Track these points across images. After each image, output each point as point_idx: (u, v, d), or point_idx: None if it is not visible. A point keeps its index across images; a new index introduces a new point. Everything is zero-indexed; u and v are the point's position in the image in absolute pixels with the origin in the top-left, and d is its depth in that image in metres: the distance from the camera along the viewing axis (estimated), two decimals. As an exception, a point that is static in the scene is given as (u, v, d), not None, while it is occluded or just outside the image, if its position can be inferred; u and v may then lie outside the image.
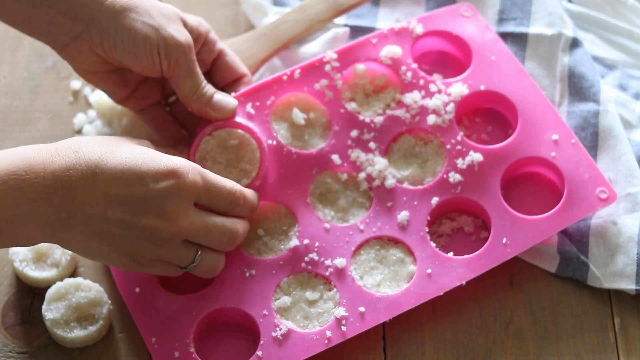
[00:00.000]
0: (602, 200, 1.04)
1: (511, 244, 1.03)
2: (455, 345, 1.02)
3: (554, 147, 1.07)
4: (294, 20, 1.14)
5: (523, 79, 1.10)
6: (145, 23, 1.01)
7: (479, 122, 1.12)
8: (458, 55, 1.14)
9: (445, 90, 1.09)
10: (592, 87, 1.11)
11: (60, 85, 1.17)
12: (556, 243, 1.05)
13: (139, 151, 0.95)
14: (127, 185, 0.93)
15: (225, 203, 0.99)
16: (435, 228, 1.07)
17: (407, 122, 1.09)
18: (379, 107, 1.10)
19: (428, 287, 1.02)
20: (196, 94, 1.04)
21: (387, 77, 1.11)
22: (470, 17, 1.13)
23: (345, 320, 1.00)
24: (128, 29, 1.00)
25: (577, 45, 1.13)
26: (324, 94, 1.09)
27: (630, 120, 1.12)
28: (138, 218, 0.93)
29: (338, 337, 1.00)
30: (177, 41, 1.02)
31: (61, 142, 0.94)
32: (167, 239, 0.95)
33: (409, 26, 1.12)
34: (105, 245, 0.94)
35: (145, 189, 0.93)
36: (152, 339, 1.00)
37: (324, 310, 1.02)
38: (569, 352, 1.02)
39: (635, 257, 1.04)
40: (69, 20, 1.01)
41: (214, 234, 0.98)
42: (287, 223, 1.05)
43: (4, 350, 1.02)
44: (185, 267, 0.98)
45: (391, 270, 1.04)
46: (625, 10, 1.17)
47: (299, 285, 1.03)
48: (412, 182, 1.07)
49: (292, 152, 1.06)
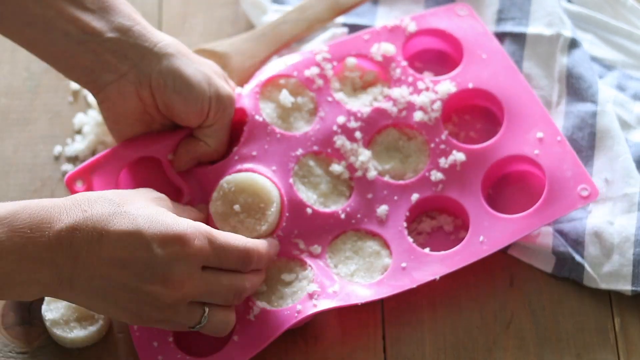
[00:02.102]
0: (583, 198, 1.04)
1: (488, 241, 1.03)
2: (455, 345, 1.03)
3: (538, 144, 1.07)
4: (293, 20, 1.14)
5: (513, 77, 1.10)
6: (198, 69, 1.02)
7: (467, 120, 1.12)
8: (451, 53, 1.15)
9: (433, 88, 1.10)
10: (590, 87, 1.11)
11: (60, 85, 1.16)
12: (551, 244, 1.05)
13: (148, 211, 0.93)
14: (132, 249, 0.91)
15: (236, 264, 0.96)
16: (415, 226, 1.07)
17: (393, 115, 1.09)
18: (367, 100, 1.10)
19: (401, 279, 1.02)
20: (223, 147, 1.05)
21: (376, 74, 1.11)
22: (466, 16, 1.14)
23: (318, 295, 1.00)
24: (180, 71, 1.01)
25: (575, 46, 1.13)
26: (314, 81, 1.09)
27: (629, 121, 1.12)
28: (142, 283, 0.91)
29: (307, 310, 0.99)
30: (227, 92, 1.03)
31: (72, 197, 0.93)
32: (172, 305, 0.93)
33: (402, 24, 1.13)
34: (111, 305, 0.93)
35: (150, 255, 0.91)
36: (134, 327, 1.00)
37: (297, 289, 1.02)
38: (569, 353, 1.02)
39: (631, 257, 1.04)
40: (117, 59, 1.00)
41: (219, 294, 0.95)
42: (265, 201, 1.03)
43: (4, 350, 1.02)
44: (193, 327, 0.96)
45: (366, 261, 1.04)
46: (624, 11, 1.17)
47: (277, 269, 1.03)
48: (393, 175, 1.07)
49: (276, 131, 1.06)
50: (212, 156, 1.06)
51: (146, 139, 1.05)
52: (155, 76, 1.01)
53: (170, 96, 1.01)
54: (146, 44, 1.01)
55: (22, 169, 1.12)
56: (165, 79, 1.01)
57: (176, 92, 1.01)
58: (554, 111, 1.12)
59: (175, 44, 1.03)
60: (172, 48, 1.02)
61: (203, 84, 1.02)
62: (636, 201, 1.06)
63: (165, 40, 1.02)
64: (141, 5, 1.20)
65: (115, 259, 0.90)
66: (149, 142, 1.05)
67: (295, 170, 1.06)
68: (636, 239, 1.04)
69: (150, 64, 1.01)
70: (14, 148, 1.13)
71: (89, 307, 0.94)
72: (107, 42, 1.00)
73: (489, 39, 1.12)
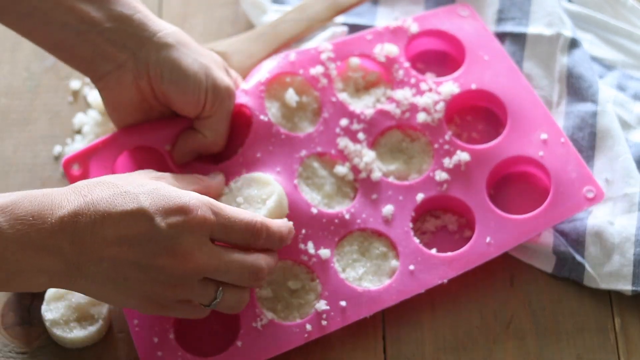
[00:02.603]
0: (588, 200, 1.04)
1: (495, 243, 1.03)
2: (455, 345, 1.03)
3: (542, 146, 1.07)
4: (293, 19, 1.14)
5: (515, 78, 1.10)
6: (196, 60, 1.02)
7: (470, 121, 1.12)
8: (453, 54, 1.15)
9: (435, 89, 1.10)
10: (590, 87, 1.11)
11: (60, 85, 1.17)
12: (551, 244, 1.05)
13: (148, 188, 0.92)
14: (136, 226, 0.90)
15: (244, 237, 0.95)
16: (419, 225, 1.07)
17: (396, 117, 1.09)
18: (370, 102, 1.10)
19: (410, 284, 1.02)
20: (222, 139, 1.05)
21: (379, 74, 1.11)
22: (467, 17, 1.14)
23: (326, 315, 1.00)
24: (178, 62, 1.01)
25: (575, 46, 1.13)
26: (318, 80, 1.09)
27: (629, 121, 1.12)
28: (150, 258, 0.91)
29: (318, 332, 1.00)
30: (226, 83, 1.03)
31: (73, 185, 0.93)
32: (184, 278, 0.92)
33: (404, 25, 1.13)
34: (123, 290, 0.92)
35: (154, 228, 0.90)
36: (134, 321, 1.00)
37: (305, 302, 1.02)
38: (569, 353, 1.02)
39: (631, 257, 1.04)
40: (115, 48, 1.00)
41: (233, 271, 0.94)
42: (267, 193, 1.02)
43: (4, 350, 1.02)
44: (209, 305, 0.95)
45: (373, 264, 1.04)
46: (624, 11, 1.17)
47: (282, 273, 1.03)
48: (397, 176, 1.08)
49: (280, 132, 1.06)
50: (211, 148, 1.06)
51: (145, 128, 1.05)
52: (152, 66, 1.01)
53: (167, 86, 1.01)
54: (145, 33, 1.01)
55: (22, 169, 1.12)
56: (162, 69, 1.01)
57: (172, 82, 1.01)
58: (554, 111, 1.12)
59: (176, 33, 1.02)
60: (171, 38, 1.01)
61: (200, 75, 1.01)
62: (636, 201, 1.06)
63: (165, 29, 1.02)
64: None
65: (121, 237, 0.90)
66: (148, 131, 1.05)
67: (300, 171, 1.06)
68: (636, 239, 1.04)
69: (148, 54, 1.01)
70: (14, 148, 1.13)
71: (102, 296, 0.93)
72: (106, 31, 1.00)
73: (490, 40, 1.12)
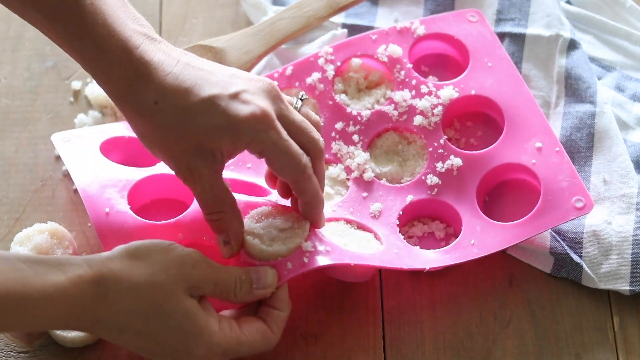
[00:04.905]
0: (577, 209, 1.03)
1: (479, 245, 1.03)
2: (455, 345, 1.03)
3: (536, 154, 1.06)
4: (291, 17, 1.14)
5: (516, 85, 1.10)
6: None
7: (470, 126, 1.12)
8: (457, 59, 1.15)
9: (435, 93, 1.10)
10: (589, 88, 1.11)
11: (60, 85, 1.16)
12: (549, 245, 1.05)
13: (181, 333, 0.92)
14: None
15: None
16: (407, 229, 1.07)
17: (393, 119, 1.09)
18: (369, 102, 1.10)
19: (393, 261, 1.01)
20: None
21: (381, 73, 1.11)
22: (476, 23, 1.13)
23: (309, 254, 0.97)
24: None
25: (574, 47, 1.13)
26: (315, 87, 1.10)
27: (627, 122, 1.12)
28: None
29: (299, 266, 0.97)
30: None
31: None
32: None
33: (411, 26, 1.13)
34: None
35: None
36: None
37: (292, 235, 0.99)
38: (568, 352, 1.02)
39: (629, 257, 1.04)
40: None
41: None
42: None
43: (5, 350, 1.02)
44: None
45: (356, 244, 1.02)
46: (623, 12, 1.18)
47: (273, 217, 1.00)
48: (390, 179, 1.08)
49: None
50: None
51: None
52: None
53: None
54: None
55: (23, 169, 1.12)
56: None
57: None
58: (552, 112, 1.12)
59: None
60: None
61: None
62: (634, 201, 1.06)
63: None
64: (142, 6, 1.20)
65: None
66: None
67: None
68: (634, 239, 1.04)
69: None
70: (14, 148, 1.13)
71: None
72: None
73: (496, 47, 1.12)
